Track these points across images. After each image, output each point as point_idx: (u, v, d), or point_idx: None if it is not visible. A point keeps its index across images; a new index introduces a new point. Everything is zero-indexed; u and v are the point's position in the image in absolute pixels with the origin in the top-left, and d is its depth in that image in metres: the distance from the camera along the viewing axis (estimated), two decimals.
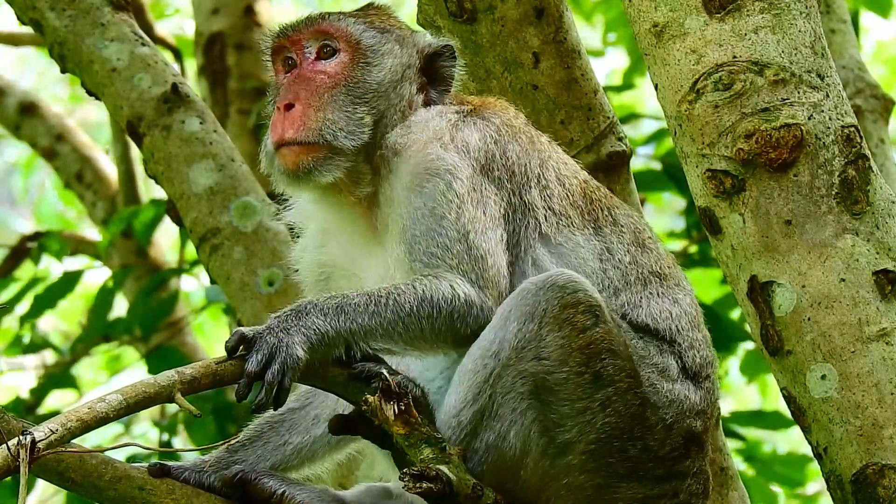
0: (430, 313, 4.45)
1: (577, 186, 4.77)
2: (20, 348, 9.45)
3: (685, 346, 4.64)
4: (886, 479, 4.45)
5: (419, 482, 4.27)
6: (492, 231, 4.57)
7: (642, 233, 4.79)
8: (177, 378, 4.18)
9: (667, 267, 4.77)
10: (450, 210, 4.55)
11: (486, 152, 4.67)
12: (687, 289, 4.78)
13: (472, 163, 4.63)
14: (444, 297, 4.46)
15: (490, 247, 4.54)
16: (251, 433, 4.85)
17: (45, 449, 3.89)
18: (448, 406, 4.48)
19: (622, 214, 4.80)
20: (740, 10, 4.56)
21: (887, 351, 4.47)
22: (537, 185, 4.69)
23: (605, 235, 4.72)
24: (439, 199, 4.57)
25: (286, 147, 4.68)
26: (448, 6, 5.40)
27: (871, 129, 7.51)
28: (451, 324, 4.47)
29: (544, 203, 4.68)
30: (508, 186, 4.65)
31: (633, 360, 4.49)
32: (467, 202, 4.57)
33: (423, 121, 4.74)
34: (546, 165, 4.73)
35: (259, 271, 6.32)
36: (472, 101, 4.87)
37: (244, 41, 9.98)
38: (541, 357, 4.40)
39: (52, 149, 10.88)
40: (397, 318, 4.43)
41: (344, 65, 4.76)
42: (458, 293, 4.47)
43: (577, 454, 4.42)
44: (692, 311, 4.73)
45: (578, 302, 4.43)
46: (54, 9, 6.43)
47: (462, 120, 4.74)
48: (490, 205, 4.60)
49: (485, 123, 4.75)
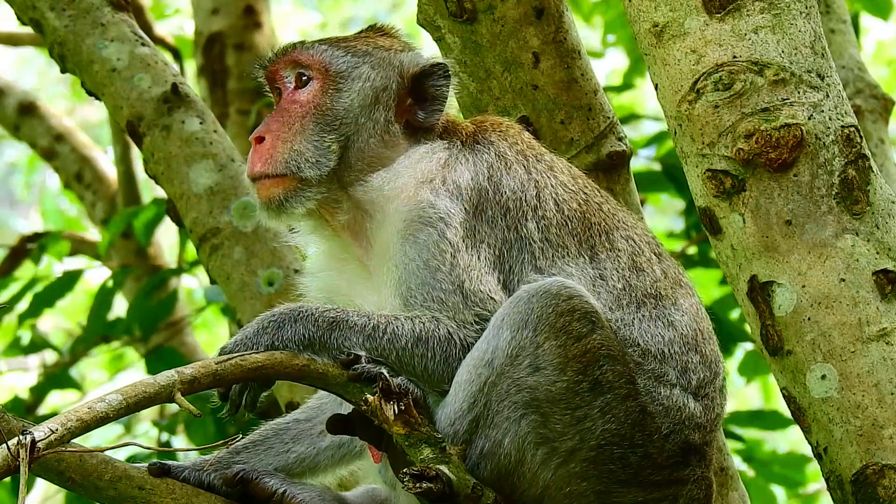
0: (424, 353, 4.46)
1: (577, 211, 4.70)
2: (19, 349, 9.45)
3: (678, 370, 4.57)
4: (886, 479, 4.45)
5: (419, 482, 4.27)
6: (487, 275, 4.54)
7: (640, 254, 4.70)
8: (177, 378, 4.18)
9: (666, 287, 4.67)
10: (444, 261, 4.52)
11: (479, 191, 4.62)
12: (686, 307, 4.67)
13: (464, 206, 4.59)
14: (439, 341, 4.47)
15: (487, 289, 4.53)
16: (255, 437, 4.85)
17: (45, 448, 3.89)
18: (443, 416, 4.47)
19: (621, 237, 4.72)
20: (740, 10, 4.56)
21: (887, 351, 4.47)
22: (534, 216, 4.64)
23: (600, 262, 4.65)
24: (433, 250, 4.54)
25: (258, 181, 4.68)
26: (448, 6, 5.40)
27: (871, 129, 7.51)
28: (447, 366, 4.48)
29: (541, 235, 4.63)
30: (503, 224, 4.61)
31: (630, 366, 4.48)
32: (461, 250, 4.54)
33: (413, 162, 4.69)
34: (543, 194, 4.68)
35: (259, 271, 6.31)
36: (464, 129, 4.81)
37: (244, 41, 9.98)
38: (538, 366, 4.38)
39: (51, 149, 10.88)
40: (392, 348, 4.45)
41: (314, 93, 4.73)
42: (454, 339, 4.48)
43: (578, 461, 4.41)
44: (690, 331, 4.63)
45: (574, 309, 4.41)
46: (54, 9, 6.43)
47: (453, 157, 4.69)
48: (484, 248, 4.58)
49: (476, 158, 4.69)
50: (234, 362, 4.29)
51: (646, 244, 4.76)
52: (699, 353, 4.63)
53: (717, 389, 4.64)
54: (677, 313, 4.65)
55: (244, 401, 4.44)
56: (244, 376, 4.34)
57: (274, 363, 4.36)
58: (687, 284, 4.75)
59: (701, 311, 4.72)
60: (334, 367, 4.41)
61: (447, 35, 5.44)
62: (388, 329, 4.45)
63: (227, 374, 4.28)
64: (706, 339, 4.68)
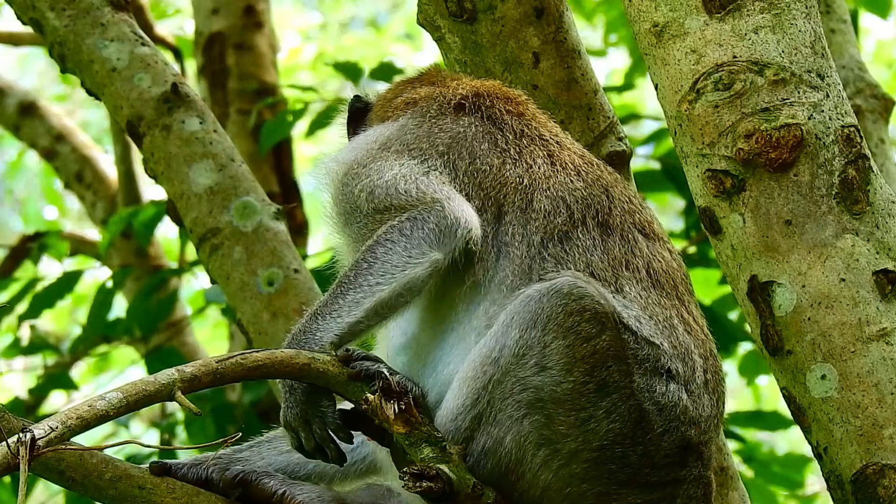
0: (389, 248, 4.56)
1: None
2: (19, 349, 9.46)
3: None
4: (886, 479, 4.45)
5: (419, 481, 4.27)
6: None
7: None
8: (177, 376, 4.18)
9: (605, 270, 4.60)
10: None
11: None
12: (633, 295, 4.56)
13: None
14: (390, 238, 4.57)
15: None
16: (261, 438, 4.85)
17: (45, 447, 3.88)
18: (445, 411, 4.46)
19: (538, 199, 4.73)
20: (740, 10, 4.57)
21: (887, 351, 4.47)
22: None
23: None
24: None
25: None
26: (448, 6, 5.40)
27: (871, 129, 7.50)
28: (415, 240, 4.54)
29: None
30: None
31: (630, 362, 4.46)
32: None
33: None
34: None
35: (259, 271, 6.31)
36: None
37: (244, 41, 9.98)
38: (544, 366, 4.37)
39: (52, 149, 10.89)
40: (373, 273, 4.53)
41: None
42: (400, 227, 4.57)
43: (579, 463, 4.40)
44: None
45: (584, 309, 4.39)
46: (54, 9, 6.42)
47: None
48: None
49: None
50: (234, 361, 4.29)
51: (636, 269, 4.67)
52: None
53: (700, 385, 4.56)
54: (625, 300, 4.55)
55: (318, 435, 4.47)
56: (244, 375, 4.33)
57: (274, 362, 4.35)
58: (635, 267, 4.62)
59: (651, 298, 4.59)
60: (334, 366, 4.40)
61: (447, 35, 5.44)
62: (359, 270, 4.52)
63: (227, 372, 4.28)
64: (670, 328, 4.56)
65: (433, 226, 4.52)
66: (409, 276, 4.49)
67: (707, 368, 4.60)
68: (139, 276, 10.05)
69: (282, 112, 9.49)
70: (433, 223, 4.52)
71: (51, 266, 11.08)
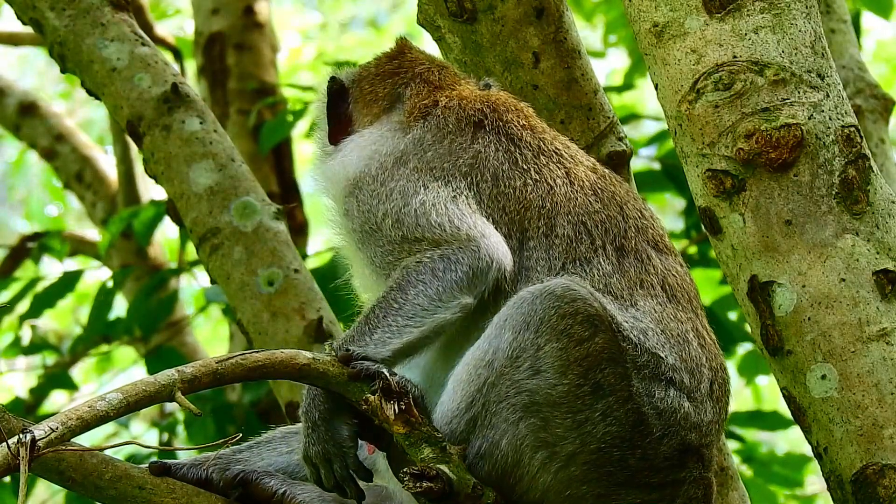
0: (420, 290, 4.51)
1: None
2: (19, 349, 9.46)
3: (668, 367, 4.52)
4: (886, 479, 4.45)
5: (419, 481, 4.27)
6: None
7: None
8: (177, 377, 4.17)
9: (621, 287, 4.59)
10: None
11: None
12: (647, 309, 4.56)
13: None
14: (420, 275, 4.52)
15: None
16: (260, 438, 4.84)
17: (45, 447, 3.88)
18: (440, 414, 4.46)
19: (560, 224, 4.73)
20: (740, 10, 4.57)
21: (887, 351, 4.47)
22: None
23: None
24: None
25: None
26: (448, 6, 5.40)
27: (871, 129, 7.50)
28: (447, 282, 4.51)
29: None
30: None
31: (628, 366, 4.46)
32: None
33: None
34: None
35: (259, 271, 6.31)
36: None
37: (244, 41, 9.98)
38: (538, 369, 4.36)
39: (52, 149, 10.89)
40: (402, 308, 4.49)
41: None
42: (432, 264, 4.53)
43: (578, 465, 4.39)
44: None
45: (577, 312, 4.38)
46: (54, 8, 6.42)
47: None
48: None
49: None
50: (234, 361, 4.29)
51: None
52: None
53: (704, 394, 4.56)
54: (638, 314, 4.57)
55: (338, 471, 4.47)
56: (244, 375, 4.32)
57: (274, 362, 4.35)
58: (650, 284, 4.64)
59: (666, 312, 4.61)
60: (334, 367, 4.40)
61: (447, 35, 5.44)
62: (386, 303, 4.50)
63: (227, 373, 4.27)
64: (683, 343, 4.59)
65: (466, 268, 4.50)
66: (439, 320, 4.49)
67: (714, 380, 4.60)
68: (139, 276, 10.05)
69: (282, 112, 9.50)
70: (467, 265, 4.50)
71: (51, 266, 11.08)
